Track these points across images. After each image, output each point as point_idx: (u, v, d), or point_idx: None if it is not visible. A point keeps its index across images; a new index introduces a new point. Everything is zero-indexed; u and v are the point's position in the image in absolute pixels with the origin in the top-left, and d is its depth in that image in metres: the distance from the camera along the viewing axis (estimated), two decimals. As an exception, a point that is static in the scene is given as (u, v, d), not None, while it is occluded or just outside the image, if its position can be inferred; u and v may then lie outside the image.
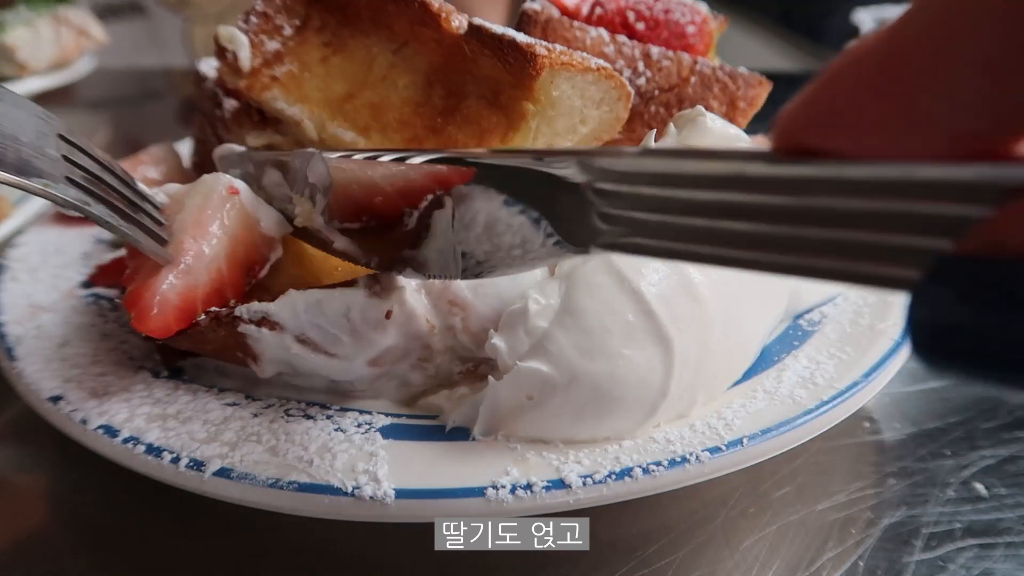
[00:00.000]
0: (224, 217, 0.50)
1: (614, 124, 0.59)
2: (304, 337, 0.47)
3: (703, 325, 0.47)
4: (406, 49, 0.59)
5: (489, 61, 0.53)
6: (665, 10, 0.70)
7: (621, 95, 0.57)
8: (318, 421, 0.48)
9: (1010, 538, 0.49)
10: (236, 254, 0.50)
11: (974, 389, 0.64)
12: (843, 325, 0.57)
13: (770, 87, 0.66)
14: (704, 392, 0.49)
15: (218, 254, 0.49)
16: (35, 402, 0.50)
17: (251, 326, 0.47)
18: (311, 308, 0.46)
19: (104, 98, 1.62)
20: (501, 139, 0.54)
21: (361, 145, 0.58)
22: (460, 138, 0.55)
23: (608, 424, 0.46)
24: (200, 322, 0.47)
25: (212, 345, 0.49)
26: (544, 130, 0.56)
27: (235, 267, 0.50)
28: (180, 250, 0.47)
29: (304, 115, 0.59)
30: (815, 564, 0.47)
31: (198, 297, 0.47)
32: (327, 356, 0.48)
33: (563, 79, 0.54)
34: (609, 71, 0.56)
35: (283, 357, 0.48)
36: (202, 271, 0.47)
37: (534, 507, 0.42)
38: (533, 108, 0.54)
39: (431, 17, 0.55)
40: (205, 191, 0.51)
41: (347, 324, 0.46)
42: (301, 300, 0.46)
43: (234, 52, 0.59)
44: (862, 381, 0.50)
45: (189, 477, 0.44)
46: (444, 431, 0.47)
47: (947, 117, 0.20)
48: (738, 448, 0.45)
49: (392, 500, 0.41)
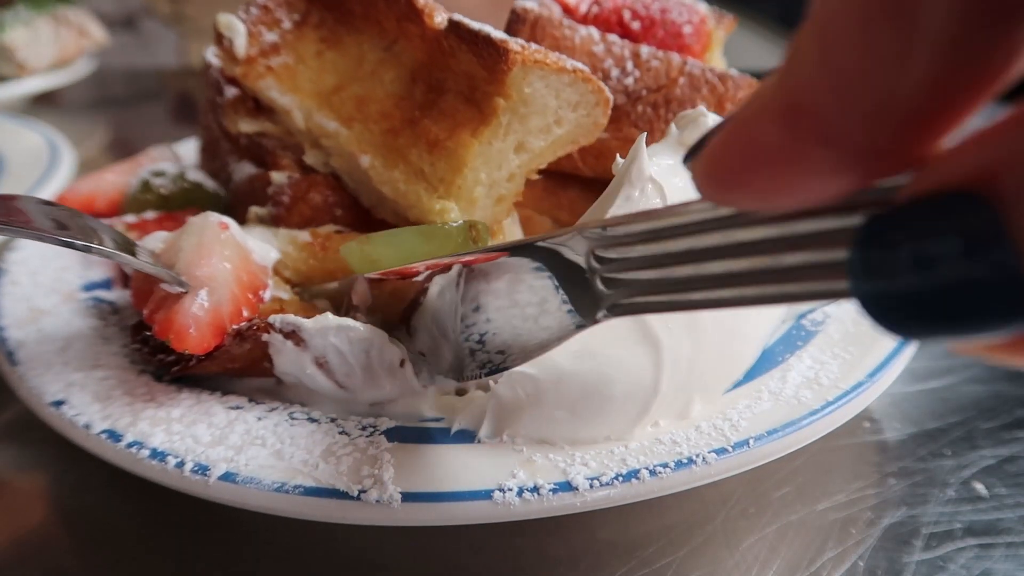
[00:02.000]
0: (222, 248, 0.54)
1: (591, 129, 0.59)
2: (322, 360, 0.50)
3: (695, 325, 0.47)
4: (395, 47, 0.61)
5: (466, 56, 0.55)
6: (662, 9, 0.70)
7: (599, 100, 0.58)
8: (322, 424, 0.48)
9: (1010, 538, 0.49)
10: (241, 279, 0.54)
11: (974, 389, 0.64)
12: (846, 324, 0.57)
13: None
14: (700, 391, 0.49)
15: (228, 279, 0.52)
16: (37, 407, 0.50)
17: (278, 335, 0.49)
18: (340, 332, 0.49)
19: (103, 98, 1.61)
20: (472, 132, 0.55)
21: (343, 135, 0.60)
22: (434, 130, 0.56)
23: (605, 422, 0.46)
24: (223, 343, 0.50)
25: (239, 362, 0.51)
26: (516, 127, 0.57)
27: (245, 289, 0.54)
28: (194, 278, 0.51)
29: (294, 105, 0.62)
30: (815, 564, 0.47)
31: (224, 314, 0.51)
32: (336, 386, 0.51)
33: (536, 77, 0.55)
34: (586, 74, 0.56)
35: (295, 372, 0.51)
36: (222, 292, 0.51)
37: (541, 510, 0.42)
38: (504, 103, 0.55)
39: (415, 13, 0.57)
40: (198, 231, 0.54)
41: (365, 359, 0.49)
42: (335, 322, 0.49)
43: (231, 39, 0.62)
44: (867, 381, 0.51)
45: (194, 482, 0.44)
46: (449, 433, 0.47)
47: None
48: (744, 449, 0.45)
49: (398, 504, 0.41)
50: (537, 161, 0.60)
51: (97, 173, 0.74)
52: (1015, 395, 0.63)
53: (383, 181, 0.58)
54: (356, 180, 0.62)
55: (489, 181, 0.57)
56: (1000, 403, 0.62)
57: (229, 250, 0.54)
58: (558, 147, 0.60)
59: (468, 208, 0.57)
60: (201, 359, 0.49)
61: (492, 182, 0.58)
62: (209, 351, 0.49)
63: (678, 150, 0.56)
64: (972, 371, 0.66)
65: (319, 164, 0.63)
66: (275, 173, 0.63)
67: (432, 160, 0.56)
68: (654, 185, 0.49)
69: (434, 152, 0.56)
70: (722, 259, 0.27)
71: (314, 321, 0.49)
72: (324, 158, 0.63)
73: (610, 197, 0.50)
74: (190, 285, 0.50)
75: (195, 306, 0.49)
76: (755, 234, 0.25)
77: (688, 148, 0.25)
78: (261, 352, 0.50)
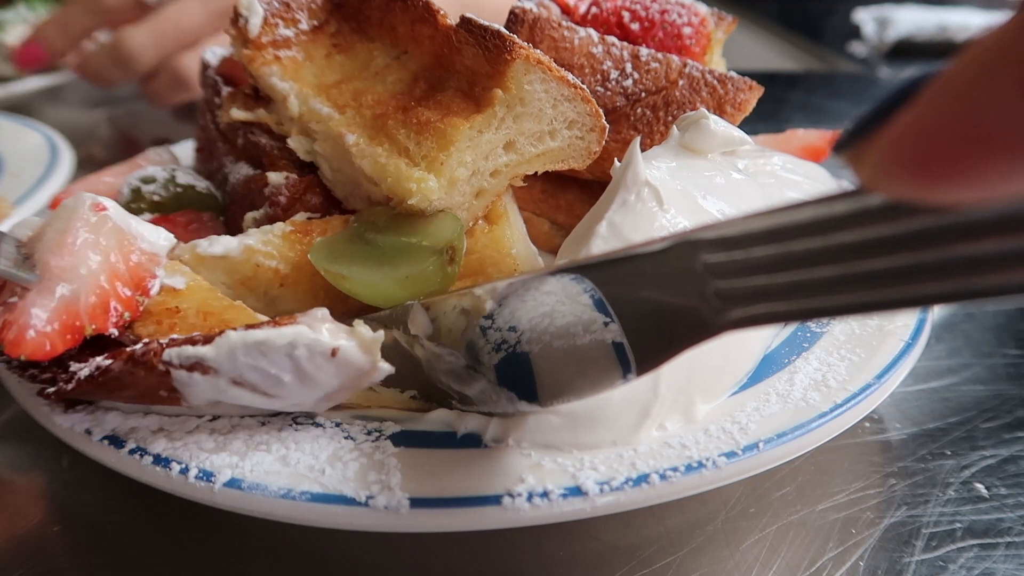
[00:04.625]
0: (93, 234, 0.47)
1: (584, 154, 0.60)
2: (240, 380, 0.43)
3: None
4: (404, 55, 0.62)
5: (471, 50, 0.55)
6: (661, 11, 0.70)
7: (595, 125, 0.59)
8: (327, 429, 0.48)
9: (1011, 538, 0.49)
10: (117, 270, 0.48)
11: (975, 389, 0.64)
12: (852, 326, 0.57)
13: (760, 92, 0.66)
14: (701, 393, 0.49)
15: (94, 270, 0.46)
16: (38, 414, 0.50)
17: (181, 371, 0.43)
18: (251, 351, 0.42)
19: (103, 98, 1.60)
20: (465, 118, 0.55)
21: (335, 119, 0.59)
22: (426, 114, 0.56)
23: (606, 427, 0.46)
24: (111, 367, 0.44)
25: (132, 390, 0.46)
26: (509, 124, 0.57)
27: (120, 283, 0.48)
28: (47, 270, 0.45)
29: (292, 91, 0.62)
30: (815, 564, 0.48)
31: (81, 312, 0.45)
32: (265, 396, 0.44)
33: (536, 77, 0.55)
34: (586, 95, 0.57)
35: (215, 398, 0.45)
36: (80, 286, 0.45)
37: (551, 515, 0.42)
38: (502, 95, 0.55)
39: (431, 14, 0.58)
40: (67, 214, 0.49)
41: (290, 364, 0.42)
42: (240, 342, 0.42)
43: (247, 18, 0.62)
44: (875, 383, 0.51)
45: (199, 488, 0.43)
46: (455, 438, 0.47)
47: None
48: (754, 452, 0.45)
49: (406, 509, 0.41)
50: (525, 167, 0.60)
51: (94, 175, 0.74)
52: (1015, 395, 0.64)
53: (363, 156, 0.57)
54: (335, 167, 0.62)
55: (473, 167, 0.57)
56: (1000, 403, 0.62)
57: (104, 236, 0.48)
58: (548, 161, 0.60)
59: (448, 187, 0.56)
60: (80, 380, 0.44)
61: (476, 170, 0.58)
62: (55, 354, 0.43)
63: (679, 153, 0.56)
64: (973, 371, 0.67)
65: (302, 150, 0.63)
66: (272, 174, 0.63)
67: (419, 140, 0.55)
68: (650, 189, 0.49)
69: (423, 132, 0.55)
70: (875, 256, 0.24)
71: (215, 346, 0.42)
72: (308, 145, 0.62)
73: (607, 201, 0.50)
74: (40, 278, 0.44)
75: (37, 303, 0.42)
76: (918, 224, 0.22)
77: (849, 130, 0.21)
78: (158, 382, 0.44)
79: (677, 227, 0.49)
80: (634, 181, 0.49)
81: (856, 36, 2.07)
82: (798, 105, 1.43)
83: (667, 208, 0.49)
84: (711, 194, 0.52)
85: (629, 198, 0.49)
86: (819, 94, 1.51)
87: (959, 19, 1.99)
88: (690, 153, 0.56)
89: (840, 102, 1.48)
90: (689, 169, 0.54)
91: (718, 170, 0.55)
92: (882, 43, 1.99)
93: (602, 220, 0.48)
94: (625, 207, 0.49)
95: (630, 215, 0.48)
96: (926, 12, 2.04)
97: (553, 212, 0.74)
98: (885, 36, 1.98)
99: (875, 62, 1.96)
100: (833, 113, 1.42)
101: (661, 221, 0.48)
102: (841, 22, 2.14)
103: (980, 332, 0.73)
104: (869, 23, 2.04)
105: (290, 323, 0.43)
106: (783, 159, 0.65)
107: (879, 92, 1.61)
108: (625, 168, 0.50)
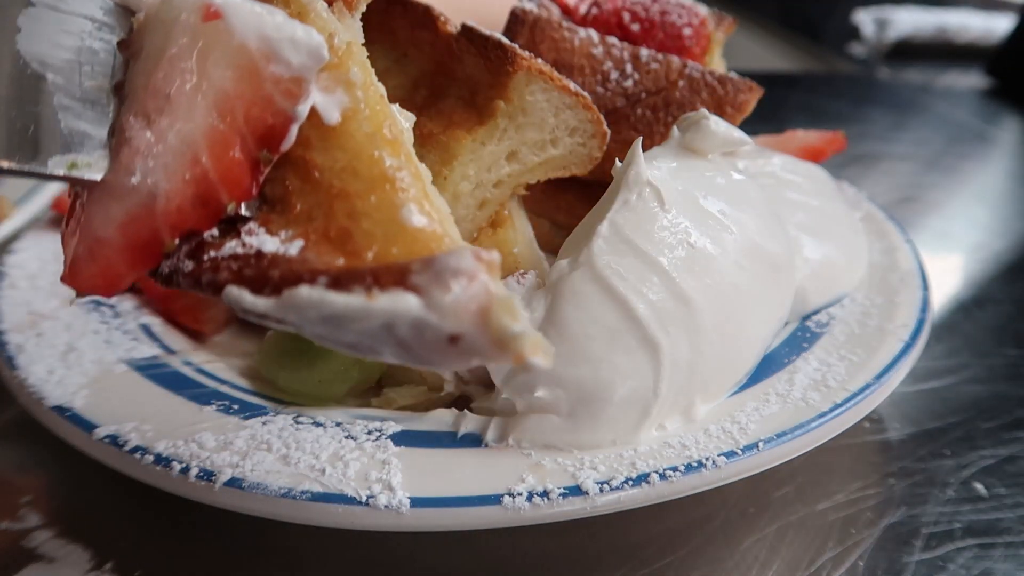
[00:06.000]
0: (201, 64, 0.31)
1: (586, 160, 0.60)
2: (323, 338, 0.33)
3: (694, 328, 0.47)
4: (403, 59, 0.62)
5: (473, 60, 0.55)
6: (661, 12, 0.70)
7: (596, 132, 0.59)
8: (328, 429, 0.48)
9: (1010, 538, 0.50)
10: (231, 122, 0.32)
11: (974, 389, 0.65)
12: (851, 326, 0.58)
13: (760, 93, 0.66)
14: (701, 393, 0.49)
15: (191, 135, 0.31)
16: (38, 412, 0.50)
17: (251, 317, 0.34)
18: (327, 321, 0.31)
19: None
20: (468, 131, 0.55)
21: None
22: (429, 125, 0.56)
23: (606, 427, 0.46)
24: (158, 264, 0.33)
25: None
26: (512, 134, 0.57)
27: (232, 143, 0.32)
28: (121, 146, 0.30)
29: None
30: (815, 564, 0.48)
31: (159, 217, 0.31)
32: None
33: (539, 88, 0.55)
34: (588, 102, 0.57)
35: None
36: (161, 174, 0.30)
37: (551, 514, 0.42)
38: (504, 107, 0.55)
39: (431, 20, 0.58)
40: (169, 19, 0.32)
41: (389, 337, 0.31)
42: (308, 303, 0.31)
43: None
44: (874, 383, 0.51)
45: (199, 488, 0.43)
46: (456, 437, 0.47)
47: None
48: (754, 452, 0.45)
49: (407, 509, 0.41)
50: (528, 175, 0.60)
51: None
52: (1015, 395, 0.64)
53: None
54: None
55: (476, 180, 0.57)
56: (1000, 403, 0.63)
57: (216, 63, 0.31)
58: (550, 169, 0.60)
59: (451, 201, 0.56)
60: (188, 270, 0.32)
61: (479, 182, 0.58)
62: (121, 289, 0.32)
63: (680, 153, 0.56)
64: (972, 371, 0.67)
65: None
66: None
67: (423, 152, 0.55)
68: (652, 189, 0.49)
69: (425, 145, 0.55)
70: None
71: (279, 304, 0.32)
72: None
73: (608, 201, 0.51)
74: (112, 159, 0.30)
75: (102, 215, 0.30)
76: None
77: None
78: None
79: (678, 227, 0.49)
80: (636, 181, 0.49)
81: (855, 37, 2.07)
82: (798, 106, 1.43)
83: (668, 208, 0.49)
84: (712, 194, 0.52)
85: (631, 198, 0.49)
86: (819, 95, 1.50)
87: (958, 20, 1.99)
88: (691, 154, 0.56)
89: (839, 103, 1.48)
90: (690, 169, 0.54)
91: (719, 171, 0.55)
92: (881, 44, 1.99)
93: (604, 220, 0.48)
94: (627, 207, 0.49)
95: (632, 215, 0.48)
96: (925, 13, 2.05)
97: (553, 212, 0.74)
98: (884, 37, 1.98)
99: (874, 63, 1.96)
100: (833, 114, 1.41)
101: (662, 221, 0.49)
102: (840, 23, 2.14)
103: (979, 332, 0.73)
104: (868, 24, 2.04)
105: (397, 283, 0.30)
106: (783, 160, 0.65)
107: (879, 92, 1.61)
108: (627, 168, 0.50)
